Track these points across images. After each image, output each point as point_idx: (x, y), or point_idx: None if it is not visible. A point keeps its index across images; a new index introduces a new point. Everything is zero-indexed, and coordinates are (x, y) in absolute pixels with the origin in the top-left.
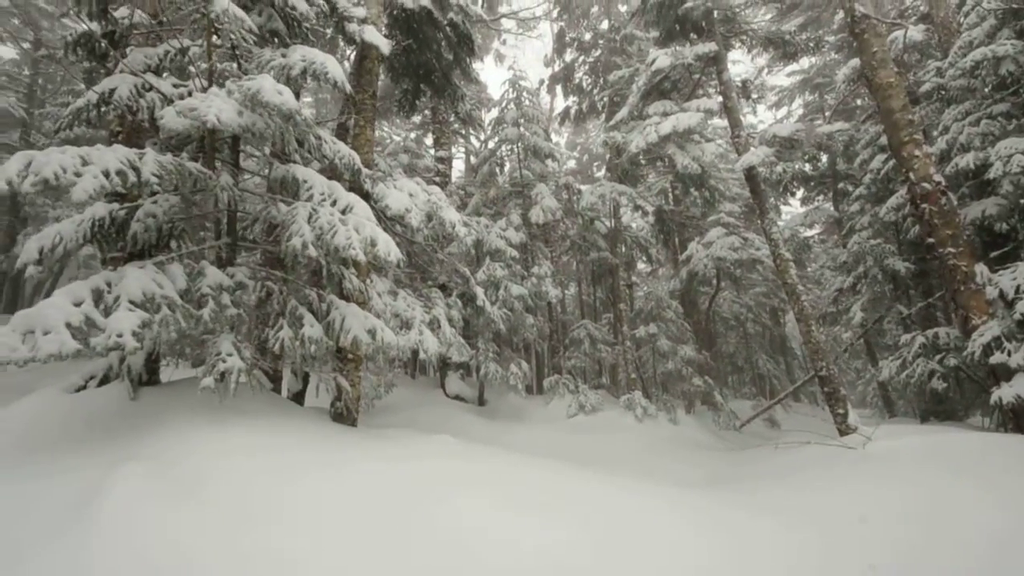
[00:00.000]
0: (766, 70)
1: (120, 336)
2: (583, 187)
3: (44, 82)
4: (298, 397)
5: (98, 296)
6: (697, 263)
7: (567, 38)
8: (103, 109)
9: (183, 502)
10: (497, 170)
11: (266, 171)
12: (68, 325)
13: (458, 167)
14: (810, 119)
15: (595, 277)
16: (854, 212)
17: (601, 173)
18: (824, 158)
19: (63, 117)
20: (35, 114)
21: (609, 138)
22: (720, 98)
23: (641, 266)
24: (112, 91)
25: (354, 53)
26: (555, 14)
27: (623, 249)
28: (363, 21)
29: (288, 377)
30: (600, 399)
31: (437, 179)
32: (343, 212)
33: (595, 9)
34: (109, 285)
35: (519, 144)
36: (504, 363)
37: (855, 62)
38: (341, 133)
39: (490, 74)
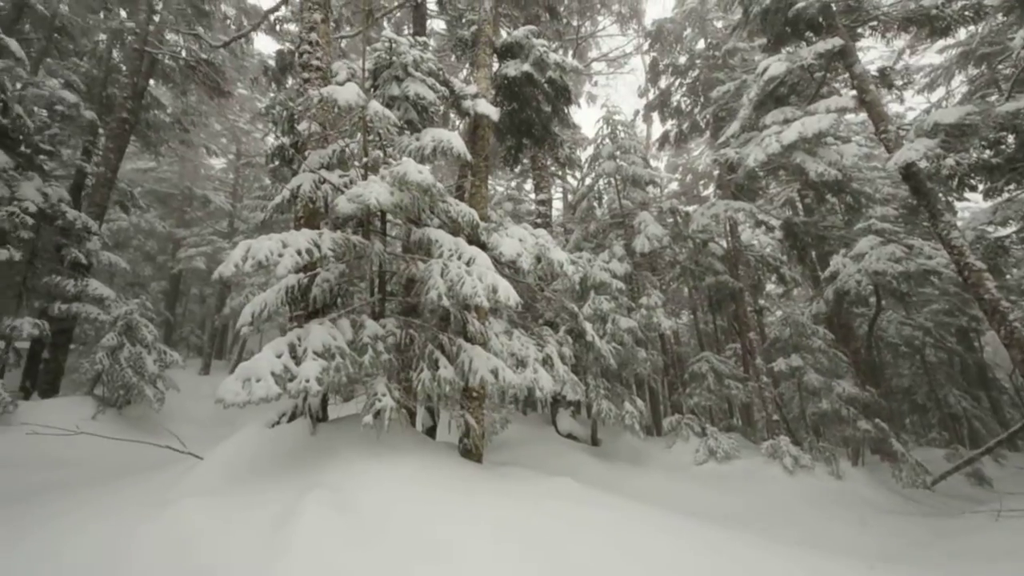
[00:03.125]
0: (908, 51)
1: (308, 381)
2: (690, 209)
3: (242, 182)
4: (431, 432)
5: (292, 349)
6: (846, 280)
7: (661, 65)
8: (293, 201)
9: (356, 528)
10: (595, 204)
11: (402, 233)
12: (272, 373)
13: (556, 205)
14: (981, 97)
15: (713, 304)
16: None
17: (708, 191)
18: (1011, 139)
19: (268, 210)
20: (237, 207)
21: (720, 155)
22: (854, 93)
23: (770, 288)
24: (299, 187)
25: (461, 122)
26: (646, 46)
27: (746, 271)
28: (475, 96)
29: (422, 414)
30: (735, 444)
31: (539, 221)
32: (467, 264)
33: (688, 32)
34: (299, 339)
35: (617, 176)
36: (616, 400)
37: None
38: (459, 193)
39: (584, 115)
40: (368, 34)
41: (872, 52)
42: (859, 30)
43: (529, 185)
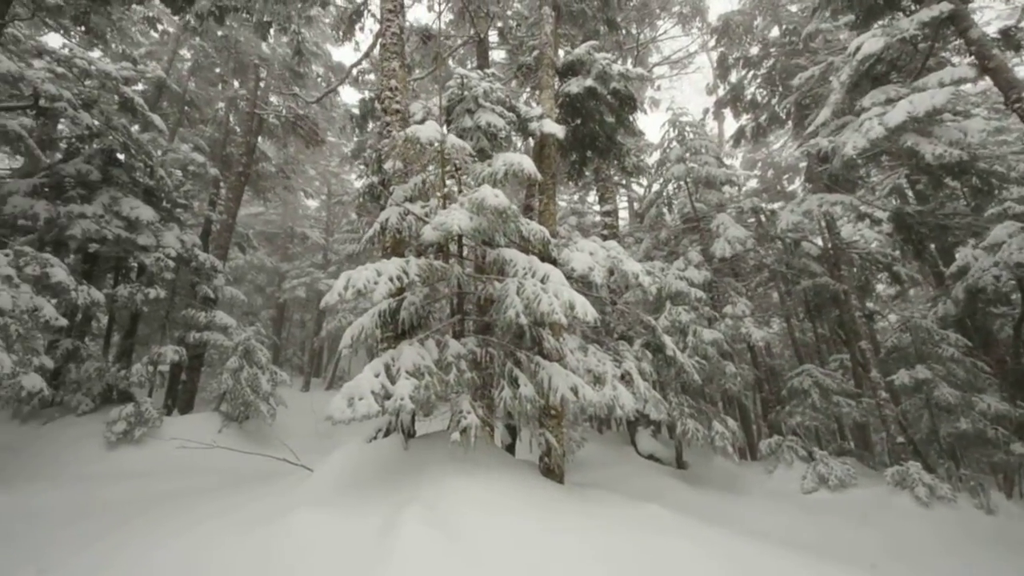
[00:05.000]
0: None
1: (402, 399)
2: (776, 206)
3: (333, 218)
4: (510, 448)
5: (387, 369)
6: (980, 275)
7: (730, 59)
8: (382, 232)
9: (453, 545)
10: (665, 210)
11: (473, 254)
12: (372, 392)
13: (621, 215)
14: None
15: (811, 309)
16: None
17: (794, 186)
18: None
19: (362, 242)
20: (330, 240)
21: (810, 146)
22: (970, 60)
23: (880, 288)
24: (387, 219)
25: (523, 143)
26: (712, 42)
27: (850, 271)
28: (540, 117)
29: (501, 431)
30: (849, 471)
31: (605, 232)
32: (542, 281)
33: (758, 21)
34: (393, 360)
35: (687, 179)
36: (702, 419)
37: None
38: (527, 212)
39: (647, 121)
40: (436, 73)
41: (987, 12)
42: None
43: (592, 197)
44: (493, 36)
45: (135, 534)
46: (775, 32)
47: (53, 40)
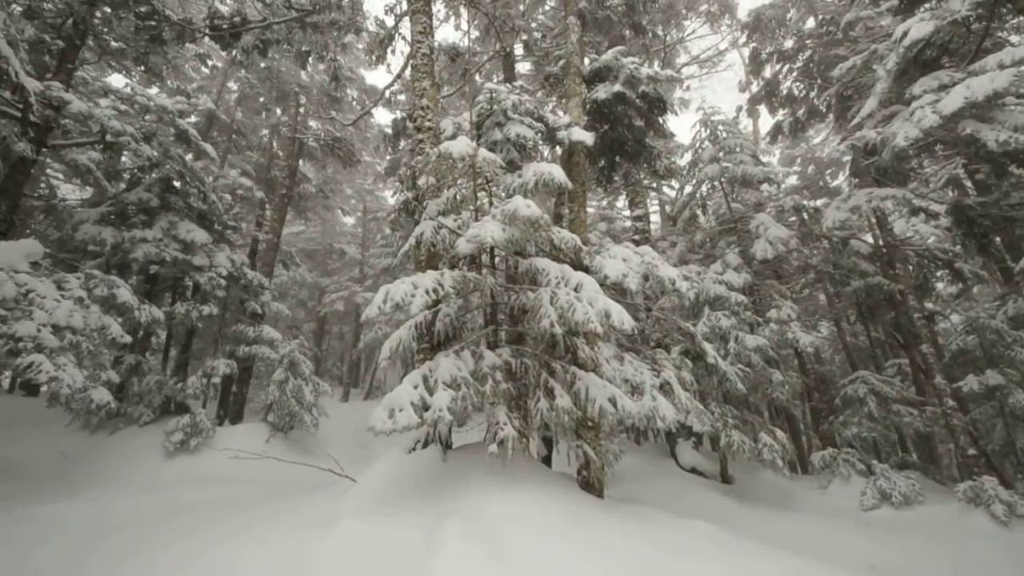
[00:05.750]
0: None
1: (441, 411)
2: (819, 204)
3: (368, 234)
4: (546, 460)
5: (425, 380)
6: None
7: (763, 55)
8: (417, 247)
9: (495, 561)
10: (699, 212)
11: (505, 265)
12: (412, 404)
13: (653, 219)
14: None
15: (863, 312)
16: None
17: (838, 181)
18: None
19: (398, 256)
20: (365, 255)
21: (856, 139)
22: None
23: (940, 287)
24: (422, 234)
25: (550, 152)
26: (743, 39)
27: (908, 269)
28: (568, 126)
29: (536, 442)
30: (914, 486)
31: (636, 237)
32: (575, 289)
33: (792, 13)
34: (431, 371)
35: (722, 179)
36: (747, 430)
37: None
38: (556, 220)
39: (676, 122)
40: (464, 89)
41: None
42: None
43: (621, 202)
44: (519, 49)
45: (185, 540)
46: (810, 23)
47: (116, 80)
